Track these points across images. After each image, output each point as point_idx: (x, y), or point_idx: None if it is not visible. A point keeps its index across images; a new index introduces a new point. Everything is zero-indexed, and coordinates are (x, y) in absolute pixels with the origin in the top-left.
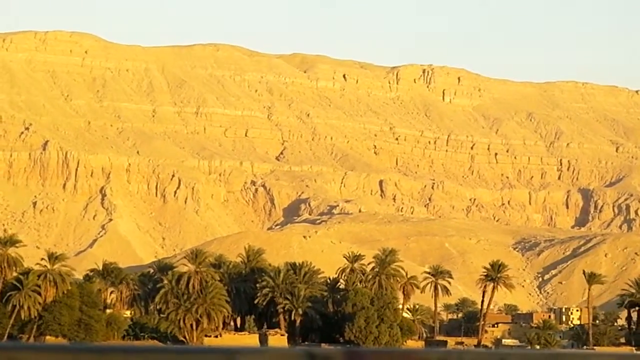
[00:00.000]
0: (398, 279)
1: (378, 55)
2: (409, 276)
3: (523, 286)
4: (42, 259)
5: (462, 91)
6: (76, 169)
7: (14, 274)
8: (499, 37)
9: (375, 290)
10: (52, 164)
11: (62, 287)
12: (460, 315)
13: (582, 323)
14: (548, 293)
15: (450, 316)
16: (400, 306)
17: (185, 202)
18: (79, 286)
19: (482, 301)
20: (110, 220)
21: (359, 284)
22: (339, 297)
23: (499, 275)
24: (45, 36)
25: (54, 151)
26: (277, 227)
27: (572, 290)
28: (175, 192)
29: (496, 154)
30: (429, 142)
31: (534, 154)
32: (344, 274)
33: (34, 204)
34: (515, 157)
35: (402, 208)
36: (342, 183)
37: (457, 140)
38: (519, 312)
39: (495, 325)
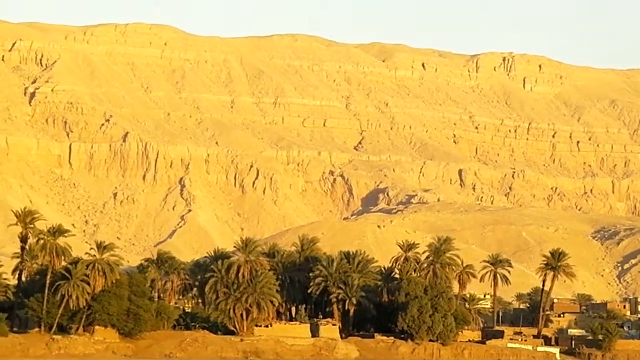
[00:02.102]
0: (453, 267)
1: (457, 44)
2: (465, 265)
3: (602, 275)
4: (91, 248)
5: (543, 79)
6: (156, 160)
7: (63, 263)
8: (581, 24)
9: (430, 279)
10: (132, 155)
11: (110, 277)
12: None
13: None
14: (628, 282)
15: (522, 306)
16: (455, 295)
17: (264, 192)
18: (129, 276)
19: (542, 290)
20: (190, 210)
21: (413, 272)
22: (393, 286)
23: (559, 263)
24: (125, 28)
25: (133, 142)
26: (353, 217)
27: None
28: (253, 183)
29: (578, 142)
30: (510, 130)
31: (617, 142)
32: (397, 263)
33: (115, 195)
34: (597, 145)
35: (481, 197)
36: (420, 172)
37: (538, 129)
38: (592, 301)
39: (562, 315)
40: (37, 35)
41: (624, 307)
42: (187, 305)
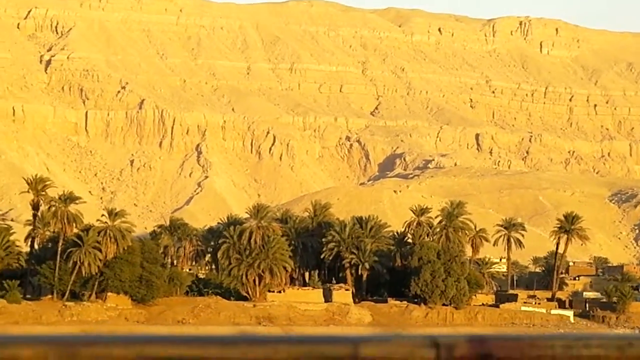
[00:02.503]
0: (466, 231)
1: (474, 8)
2: (478, 229)
3: (619, 238)
4: (102, 215)
5: (560, 42)
6: (172, 127)
7: (75, 230)
8: None
9: (443, 243)
10: (149, 123)
11: (122, 244)
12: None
13: None
14: None
15: (538, 269)
16: (468, 259)
17: (280, 158)
18: (141, 242)
19: (556, 253)
20: (206, 177)
21: (426, 237)
22: (406, 251)
23: (572, 227)
24: None
25: (150, 110)
26: (370, 182)
27: None
28: (270, 149)
29: (595, 106)
30: (526, 94)
31: (635, 105)
32: (410, 228)
33: (131, 162)
34: (615, 109)
35: (499, 162)
36: (437, 137)
37: (555, 92)
38: (609, 264)
39: (577, 278)
40: (53, 2)
41: None
42: (201, 271)
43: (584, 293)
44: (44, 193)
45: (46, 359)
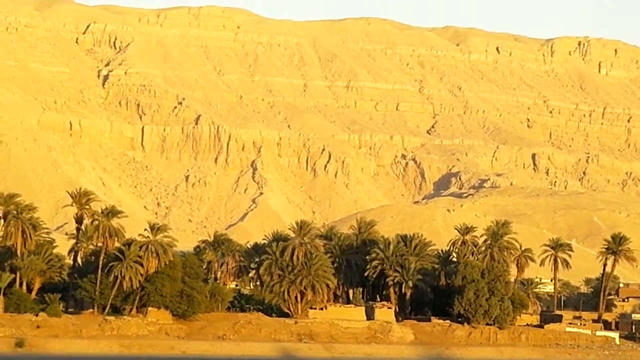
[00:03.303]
0: (512, 251)
1: (532, 28)
2: (523, 249)
3: None
4: (145, 229)
5: (619, 63)
6: (228, 143)
7: (117, 244)
8: None
9: (487, 262)
10: (205, 138)
11: (164, 259)
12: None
13: None
14: None
15: (589, 290)
16: (513, 279)
17: (336, 175)
18: (183, 257)
19: (603, 274)
20: (261, 194)
21: (470, 256)
22: (450, 269)
23: (620, 247)
24: (199, 12)
25: (206, 125)
26: (424, 200)
27: None
28: (325, 166)
29: None
30: (584, 115)
31: None
32: (455, 247)
33: (187, 177)
34: None
35: (555, 182)
36: (493, 157)
37: (613, 113)
38: None
39: (626, 300)
40: (111, 18)
41: None
42: (246, 287)
43: (633, 315)
44: (87, 207)
45: None
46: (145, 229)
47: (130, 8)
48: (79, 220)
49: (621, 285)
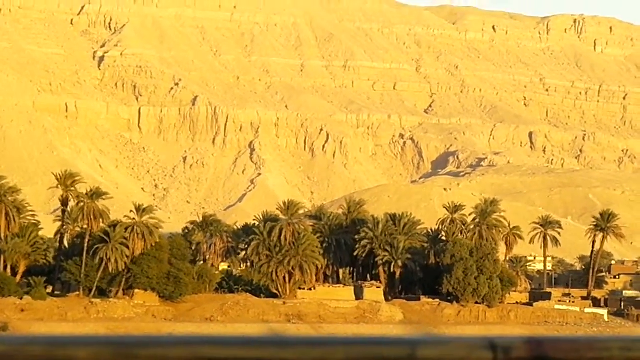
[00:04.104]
0: (500, 229)
1: (528, 6)
2: (512, 226)
3: None
4: (131, 211)
5: (614, 41)
6: (225, 124)
7: (101, 226)
8: None
9: (476, 241)
10: (202, 119)
11: (150, 240)
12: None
13: None
14: None
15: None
16: (502, 257)
17: (334, 156)
18: (170, 239)
19: (592, 251)
20: (259, 174)
21: (459, 235)
22: (439, 248)
23: (608, 225)
24: None
25: (203, 106)
26: (421, 180)
27: None
28: (323, 146)
29: None
30: (580, 92)
31: None
32: (444, 225)
33: (184, 159)
34: None
35: (552, 160)
36: (491, 135)
37: (609, 91)
38: None
39: (617, 277)
40: None
41: None
42: (237, 269)
43: (624, 292)
44: (72, 189)
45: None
46: (131, 211)
47: None
48: (64, 202)
49: (613, 262)
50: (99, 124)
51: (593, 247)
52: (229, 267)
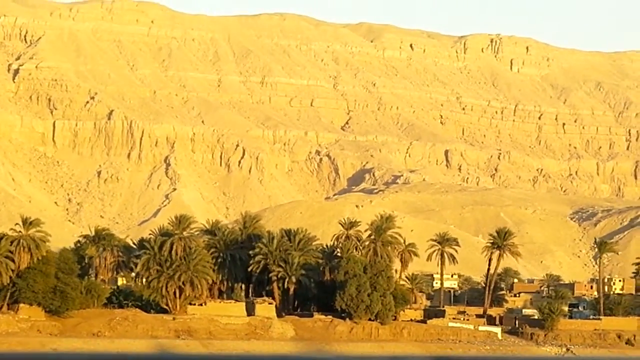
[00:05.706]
0: (396, 246)
1: (445, 25)
2: (407, 243)
3: (579, 257)
4: (17, 224)
5: (530, 61)
6: (141, 139)
7: None
8: (568, 6)
9: (370, 257)
10: (117, 134)
11: (36, 254)
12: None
13: (624, 293)
14: (604, 264)
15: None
16: (397, 274)
17: (250, 171)
18: (57, 253)
19: (488, 270)
20: (175, 189)
21: (354, 251)
22: (334, 264)
23: (504, 242)
24: (112, 5)
25: (118, 120)
26: (335, 196)
27: (629, 261)
28: (239, 162)
29: (564, 124)
30: (496, 111)
31: (603, 124)
32: (339, 241)
33: (99, 173)
34: (583, 127)
35: (467, 178)
36: (407, 153)
37: (524, 110)
38: (561, 282)
39: (518, 295)
40: (22, 11)
41: (591, 287)
42: (133, 283)
43: (523, 310)
44: None
45: None
46: (17, 224)
47: (41, 1)
48: None
49: (516, 281)
50: (12, 137)
51: (489, 265)
52: (125, 282)
